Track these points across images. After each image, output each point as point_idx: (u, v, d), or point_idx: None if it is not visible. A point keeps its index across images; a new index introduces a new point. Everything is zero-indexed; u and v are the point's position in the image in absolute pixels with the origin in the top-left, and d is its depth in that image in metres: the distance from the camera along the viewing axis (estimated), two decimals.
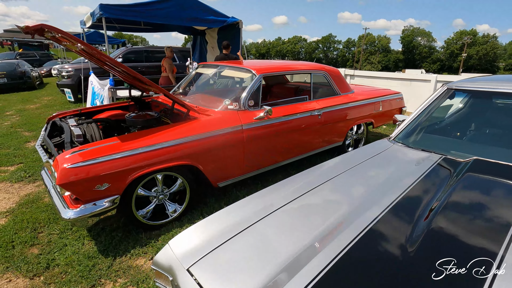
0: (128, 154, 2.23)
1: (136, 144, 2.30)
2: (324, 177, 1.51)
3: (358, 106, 4.14)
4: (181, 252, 1.04)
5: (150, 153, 2.33)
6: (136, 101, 3.77)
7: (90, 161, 2.09)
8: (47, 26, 1.90)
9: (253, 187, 3.38)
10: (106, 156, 2.15)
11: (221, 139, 2.74)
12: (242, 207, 1.31)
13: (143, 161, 2.30)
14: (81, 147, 2.21)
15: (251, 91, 3.07)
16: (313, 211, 1.22)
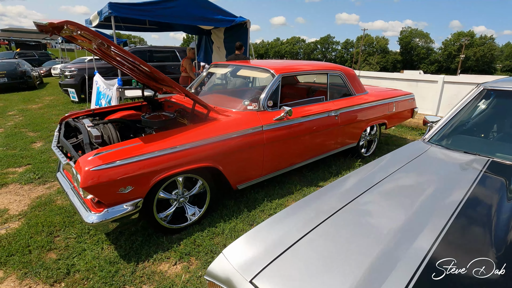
0: (152, 156, 2.16)
1: (160, 146, 2.23)
2: (368, 183, 1.44)
3: (373, 107, 4.09)
4: (239, 262, 0.97)
5: (174, 155, 2.26)
6: (149, 101, 3.70)
7: (114, 163, 2.01)
8: (71, 23, 1.83)
9: (270, 188, 3.32)
10: (130, 158, 2.07)
11: (241, 140, 2.67)
12: (293, 214, 1.24)
13: (167, 163, 2.22)
14: (102, 148, 2.13)
15: (270, 91, 3.01)
16: (367, 222, 1.16)
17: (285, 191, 3.30)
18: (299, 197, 3.17)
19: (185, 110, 3.24)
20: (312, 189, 3.35)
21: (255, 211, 2.87)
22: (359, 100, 3.92)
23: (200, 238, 2.44)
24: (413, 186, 1.39)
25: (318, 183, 3.51)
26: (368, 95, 4.16)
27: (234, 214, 2.79)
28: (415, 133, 6.07)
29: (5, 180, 3.63)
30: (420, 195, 1.28)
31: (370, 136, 4.43)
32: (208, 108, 2.66)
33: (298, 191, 3.29)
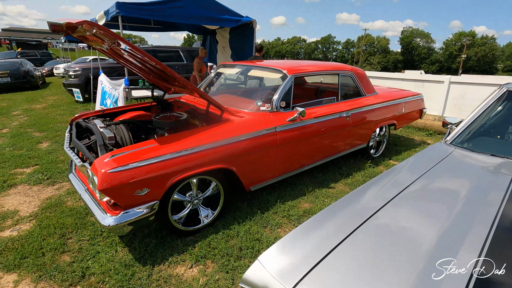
0: (168, 157, 2.13)
1: (176, 147, 2.20)
2: (397, 188, 1.41)
3: (383, 107, 4.06)
4: (277, 270, 0.95)
5: (190, 157, 2.24)
6: (158, 102, 3.67)
7: (130, 165, 1.99)
8: (89, 22, 1.80)
9: (282, 190, 3.29)
10: (146, 160, 2.05)
11: (255, 142, 2.64)
12: (329, 218, 1.21)
13: (183, 165, 2.20)
14: (117, 150, 2.11)
15: (283, 92, 2.98)
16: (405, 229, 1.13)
17: (297, 192, 3.27)
18: (311, 199, 3.14)
19: (196, 110, 3.21)
20: (324, 191, 3.32)
21: (268, 212, 2.84)
22: (370, 101, 3.89)
23: (215, 241, 2.41)
24: (445, 191, 1.35)
25: (329, 185, 3.48)
26: (378, 96, 4.13)
27: (248, 216, 2.76)
28: (422, 133, 6.04)
29: (14, 181, 3.60)
30: (454, 201, 1.25)
31: (379, 137, 4.40)
32: (222, 109, 2.63)
33: (310, 193, 3.26)
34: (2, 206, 3.07)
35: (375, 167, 4.08)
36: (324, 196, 3.22)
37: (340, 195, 3.23)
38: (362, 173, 3.79)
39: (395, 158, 4.42)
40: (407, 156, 4.48)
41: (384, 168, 4.07)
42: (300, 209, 2.95)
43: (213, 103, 2.57)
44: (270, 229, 2.62)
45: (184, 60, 9.95)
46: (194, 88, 2.45)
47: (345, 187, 3.45)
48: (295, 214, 2.83)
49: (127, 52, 2.35)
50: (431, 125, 6.20)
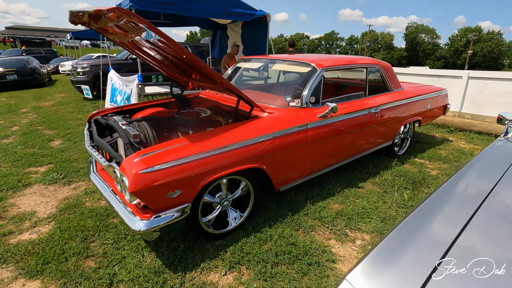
0: (202, 156, 1.99)
1: (208, 146, 2.05)
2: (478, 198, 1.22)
3: (410, 103, 3.89)
4: None
5: (223, 155, 2.09)
6: (177, 98, 3.52)
7: (162, 165, 1.84)
8: (122, 10, 1.64)
9: (310, 190, 3.14)
10: (179, 160, 1.90)
11: (287, 139, 2.49)
12: (421, 225, 1.04)
13: (216, 164, 2.05)
14: (146, 150, 1.96)
15: (312, 86, 2.81)
16: None
17: (325, 192, 3.11)
18: (341, 199, 2.99)
19: (219, 106, 3.06)
20: (353, 191, 3.16)
21: (299, 214, 2.69)
22: (397, 96, 3.72)
23: (248, 245, 2.26)
24: None
25: (357, 184, 3.32)
26: (404, 91, 3.95)
27: (278, 218, 2.61)
28: (442, 130, 5.85)
29: (29, 180, 3.48)
30: None
31: (403, 134, 4.23)
32: (252, 105, 2.48)
33: (339, 193, 3.10)
34: (19, 207, 2.94)
35: (401, 165, 3.91)
36: (354, 196, 3.06)
37: (371, 196, 3.07)
38: (390, 172, 3.62)
39: (420, 156, 4.25)
40: (432, 154, 4.31)
41: (410, 166, 3.90)
42: (331, 210, 2.80)
43: (243, 99, 2.41)
44: (304, 232, 2.47)
45: None
46: (224, 82, 2.29)
47: (374, 187, 3.29)
48: (328, 215, 2.68)
49: (152, 44, 2.20)
50: (451, 122, 6.01)
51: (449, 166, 3.90)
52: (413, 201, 2.97)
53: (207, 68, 2.12)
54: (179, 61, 2.47)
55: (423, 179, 3.45)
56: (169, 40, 1.91)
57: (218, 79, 2.27)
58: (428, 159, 4.15)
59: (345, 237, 2.43)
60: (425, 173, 3.65)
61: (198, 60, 2.05)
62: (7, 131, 5.59)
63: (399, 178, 3.48)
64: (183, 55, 2.01)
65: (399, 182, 3.37)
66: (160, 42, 1.96)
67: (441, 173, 3.68)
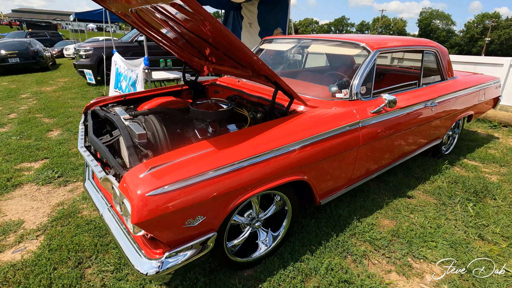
0: (231, 169, 1.44)
1: (239, 154, 1.50)
2: None
3: (466, 95, 3.27)
4: None
5: (260, 166, 1.54)
6: (191, 85, 2.96)
7: (180, 182, 1.30)
8: None
9: (352, 200, 2.59)
10: (202, 175, 1.36)
11: (336, 142, 1.92)
12: None
13: (251, 179, 1.51)
14: (157, 158, 1.42)
15: (364, 73, 2.22)
16: None
17: (371, 203, 2.56)
18: (392, 213, 2.44)
19: (243, 97, 2.49)
20: (403, 202, 2.61)
21: (345, 234, 2.16)
22: (453, 87, 3.10)
23: (287, 281, 1.75)
24: None
25: (406, 193, 2.76)
26: (458, 81, 3.32)
27: (320, 240, 2.08)
28: (484, 125, 5.20)
29: (20, 179, 3.00)
30: None
31: (451, 131, 3.63)
32: (292, 96, 1.90)
33: (388, 205, 2.55)
34: (4, 214, 2.47)
35: (451, 168, 3.33)
36: (406, 209, 2.51)
37: (427, 209, 2.52)
38: (442, 177, 3.05)
39: (470, 157, 3.65)
40: (483, 155, 3.71)
41: (463, 169, 3.31)
42: (382, 228, 2.26)
43: (283, 88, 1.83)
44: (354, 261, 1.94)
45: None
46: (262, 66, 1.70)
47: (428, 197, 2.72)
48: (380, 237, 2.14)
49: (163, 14, 1.62)
50: (494, 115, 5.34)
51: (509, 171, 3.30)
52: (482, 218, 2.41)
53: (242, 47, 1.54)
54: (199, 38, 1.89)
55: (484, 188, 2.87)
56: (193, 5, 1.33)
57: (255, 63, 1.68)
58: (481, 161, 3.55)
59: (409, 270, 1.89)
60: (484, 179, 3.07)
61: (229, 36, 1.46)
62: (3, 119, 5.11)
63: (455, 186, 2.90)
64: (211, 26, 1.43)
65: (457, 191, 2.80)
66: (177, 9, 1.38)
67: (504, 180, 3.09)
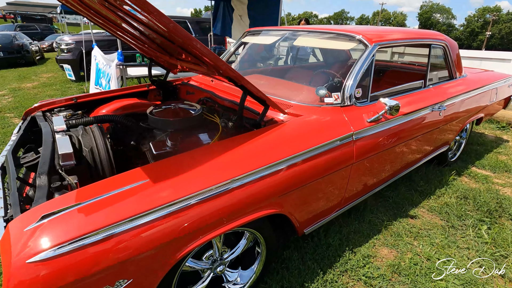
0: (172, 210, 1.04)
1: (188, 185, 1.10)
2: None
3: (477, 95, 2.85)
4: None
5: (218, 202, 1.14)
6: (159, 85, 2.54)
7: (83, 240, 0.89)
8: None
9: (344, 223, 2.19)
10: (120, 224, 0.95)
11: (323, 161, 1.52)
12: None
13: (205, 221, 1.10)
14: (64, 197, 1.02)
15: (360, 72, 1.80)
16: None
17: (367, 227, 2.17)
18: (392, 240, 2.04)
19: (215, 100, 2.08)
20: (405, 223, 2.21)
21: (334, 271, 1.76)
22: (464, 87, 2.68)
23: None
24: None
25: (409, 211, 2.36)
26: (468, 79, 2.90)
27: (304, 280, 1.68)
28: (491, 126, 4.80)
29: None
30: None
31: (459, 136, 3.23)
32: (266, 103, 1.48)
33: (387, 228, 2.15)
34: None
35: (459, 178, 2.94)
36: (408, 233, 2.11)
37: (433, 233, 2.12)
38: (449, 191, 2.65)
39: (479, 165, 3.25)
40: (494, 162, 3.31)
41: (472, 180, 2.92)
42: (381, 261, 1.86)
43: (252, 93, 1.42)
44: None
45: (193, 33, 8.66)
46: (222, 66, 1.28)
47: (434, 216, 2.33)
48: (377, 275, 1.74)
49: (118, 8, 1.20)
50: (502, 116, 4.93)
51: None
52: (499, 246, 2.01)
53: (194, 43, 1.12)
54: (157, 35, 1.47)
55: (499, 205, 2.48)
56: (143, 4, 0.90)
57: (212, 60, 1.26)
58: (491, 169, 3.16)
59: None
60: (497, 193, 2.67)
61: (180, 31, 1.05)
62: None
63: (465, 203, 2.50)
64: (161, 26, 1.02)
65: (468, 210, 2.41)
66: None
67: None
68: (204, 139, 1.82)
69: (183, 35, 1.09)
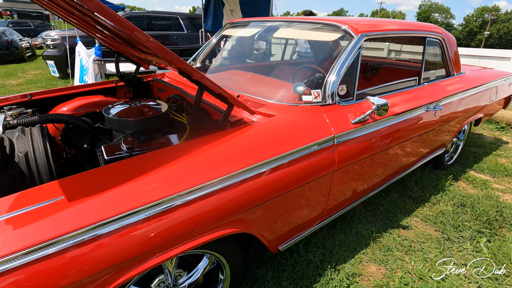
0: (96, 234, 0.82)
1: (124, 201, 0.88)
2: None
3: (476, 94, 2.65)
4: None
5: (171, 216, 0.92)
6: (128, 81, 2.32)
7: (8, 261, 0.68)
8: None
9: (327, 236, 1.97)
10: (57, 243, 0.73)
11: (298, 168, 1.30)
12: None
13: (154, 242, 0.89)
14: None
15: (343, 66, 1.58)
16: None
17: (354, 239, 1.95)
18: (380, 255, 1.83)
19: (184, 97, 1.86)
20: (396, 235, 2.00)
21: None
22: (462, 85, 2.47)
23: None
24: None
25: (400, 221, 2.15)
26: (468, 77, 2.69)
27: None
28: (490, 127, 4.60)
29: None
30: None
31: (456, 138, 3.03)
32: (229, 101, 1.26)
33: (376, 241, 1.94)
34: None
35: (455, 183, 2.73)
36: (400, 247, 1.90)
37: (427, 246, 1.91)
38: (445, 198, 2.44)
39: (477, 168, 3.04)
40: (493, 165, 3.10)
41: (470, 186, 2.71)
42: (367, 281, 1.65)
43: (209, 89, 1.20)
44: None
45: (184, 29, 8.40)
46: (172, 56, 1.06)
47: (428, 227, 2.12)
48: None
49: None
50: (501, 116, 4.73)
51: None
52: (499, 261, 1.81)
53: (138, 34, 0.90)
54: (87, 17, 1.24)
55: (499, 214, 2.27)
56: None
57: (155, 48, 1.03)
58: (491, 174, 2.95)
59: None
60: (497, 200, 2.46)
61: (119, 19, 0.83)
62: None
63: (462, 211, 2.30)
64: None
65: (465, 219, 2.20)
66: None
67: None
68: (170, 142, 1.60)
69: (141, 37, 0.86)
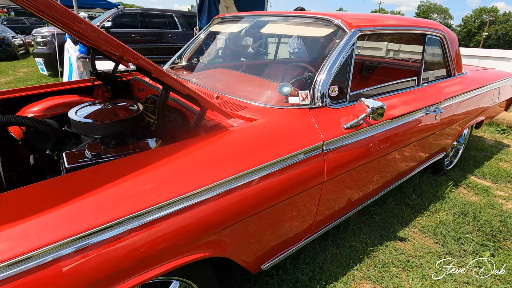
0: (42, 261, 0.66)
1: (75, 221, 0.72)
2: None
3: (478, 96, 2.50)
4: None
5: (136, 237, 0.76)
6: (106, 80, 2.15)
7: None
8: None
9: (319, 251, 1.82)
10: None
11: (281, 180, 1.14)
12: None
13: (118, 265, 0.73)
14: None
15: (335, 65, 1.43)
16: None
17: (347, 253, 1.80)
18: (375, 271, 1.68)
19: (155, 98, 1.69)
20: (393, 248, 1.84)
21: None
22: (464, 86, 2.32)
23: None
24: None
25: (398, 232, 2.00)
26: (469, 78, 2.54)
27: None
28: (491, 129, 4.46)
29: None
30: None
31: (457, 142, 2.88)
32: (200, 103, 1.10)
33: (371, 255, 1.79)
34: None
35: (456, 189, 2.58)
36: (396, 262, 1.75)
37: (425, 261, 1.76)
38: (445, 206, 2.29)
39: (478, 173, 2.90)
40: (495, 170, 2.96)
41: (471, 193, 2.56)
42: None
43: (176, 89, 1.04)
44: None
45: (179, 27, 8.23)
46: (125, 50, 0.90)
47: (427, 239, 1.96)
48: None
49: None
50: (502, 118, 4.59)
51: None
52: (506, 281, 1.66)
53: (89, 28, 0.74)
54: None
55: (503, 224, 2.12)
56: None
57: (107, 43, 0.87)
58: (492, 179, 2.80)
59: None
60: (500, 208, 2.32)
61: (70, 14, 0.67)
62: None
63: (463, 221, 2.15)
64: None
65: (467, 231, 2.05)
66: None
67: None
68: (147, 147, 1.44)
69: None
